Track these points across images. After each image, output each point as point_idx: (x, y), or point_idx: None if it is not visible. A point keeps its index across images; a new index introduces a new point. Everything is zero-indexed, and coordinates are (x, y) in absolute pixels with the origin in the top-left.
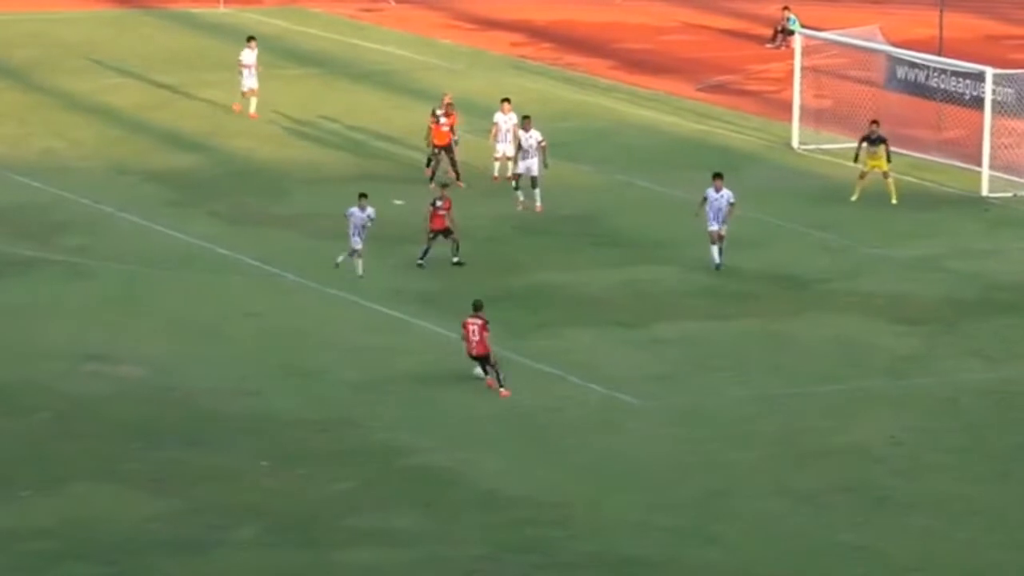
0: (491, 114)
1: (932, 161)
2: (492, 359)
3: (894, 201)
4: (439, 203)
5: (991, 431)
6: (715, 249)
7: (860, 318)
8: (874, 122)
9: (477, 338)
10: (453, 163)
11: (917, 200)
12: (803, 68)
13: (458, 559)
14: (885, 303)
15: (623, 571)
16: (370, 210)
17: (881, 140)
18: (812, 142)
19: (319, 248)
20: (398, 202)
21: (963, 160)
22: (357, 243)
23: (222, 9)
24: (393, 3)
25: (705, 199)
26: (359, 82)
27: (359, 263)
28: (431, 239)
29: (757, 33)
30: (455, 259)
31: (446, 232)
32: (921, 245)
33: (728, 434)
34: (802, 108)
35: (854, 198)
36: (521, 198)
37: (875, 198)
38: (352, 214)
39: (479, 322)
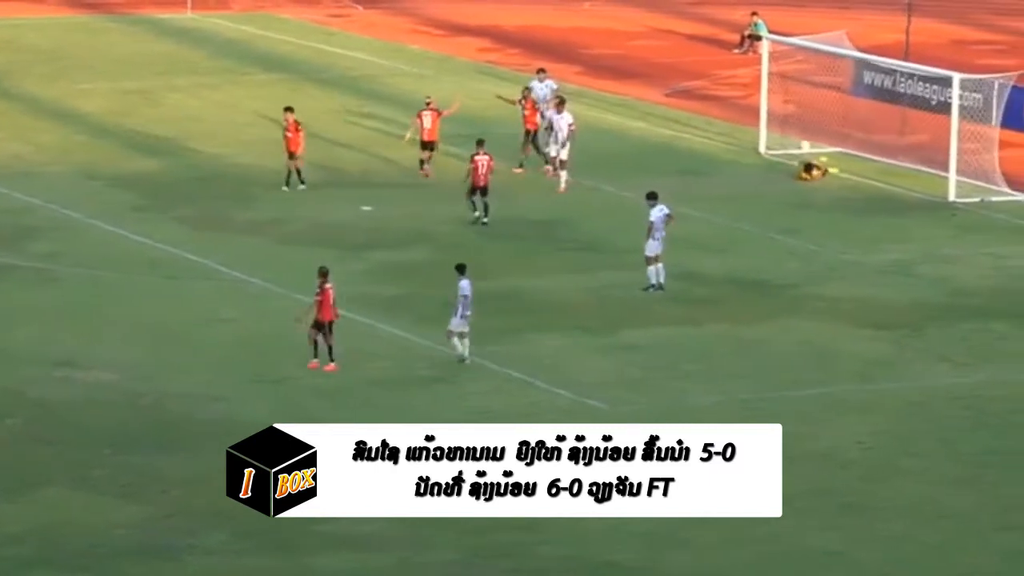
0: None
1: (899, 166)
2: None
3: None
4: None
5: (960, 435)
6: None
7: (828, 323)
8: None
9: (484, 170)
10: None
11: (884, 205)
12: (770, 73)
13: (430, 565)
14: (853, 308)
15: None
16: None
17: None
18: (779, 147)
19: (286, 254)
20: (366, 208)
21: (930, 165)
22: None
23: (189, 15)
24: (361, 8)
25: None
26: (327, 87)
27: None
28: None
29: (725, 39)
30: None
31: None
32: (888, 250)
33: None
34: (769, 113)
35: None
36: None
37: (842, 203)
38: None
39: (486, 158)
